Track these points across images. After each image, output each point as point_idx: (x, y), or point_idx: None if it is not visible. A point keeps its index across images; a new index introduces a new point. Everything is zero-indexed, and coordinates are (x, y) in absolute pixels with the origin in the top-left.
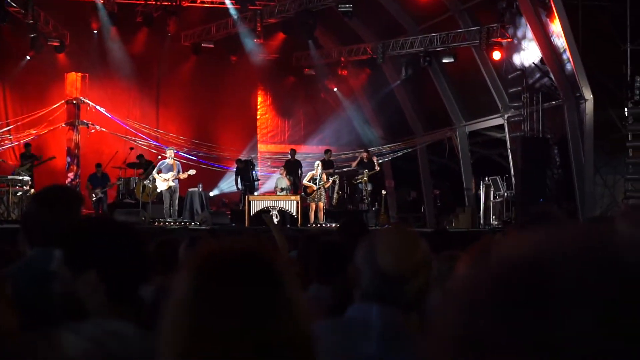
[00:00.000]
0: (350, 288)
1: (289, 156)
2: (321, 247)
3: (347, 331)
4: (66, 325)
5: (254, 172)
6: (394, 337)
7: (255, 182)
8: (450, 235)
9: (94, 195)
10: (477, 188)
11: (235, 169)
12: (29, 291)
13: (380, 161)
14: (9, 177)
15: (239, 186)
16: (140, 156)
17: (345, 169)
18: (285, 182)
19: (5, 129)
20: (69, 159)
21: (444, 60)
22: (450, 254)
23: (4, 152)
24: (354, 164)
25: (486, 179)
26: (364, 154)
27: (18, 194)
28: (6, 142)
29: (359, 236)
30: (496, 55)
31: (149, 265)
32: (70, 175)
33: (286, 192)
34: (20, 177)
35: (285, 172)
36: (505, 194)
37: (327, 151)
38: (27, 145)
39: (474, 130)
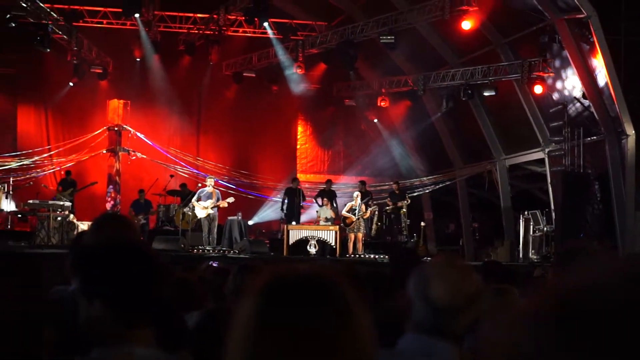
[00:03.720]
0: (401, 319)
1: (325, 186)
2: (365, 277)
3: None
4: (86, 352)
5: (300, 203)
6: None
7: (297, 212)
8: (503, 269)
9: (136, 222)
10: (517, 222)
11: (283, 192)
12: (71, 316)
13: (419, 193)
14: (50, 202)
15: (284, 210)
16: (183, 185)
17: (383, 201)
18: (329, 212)
19: (46, 155)
20: (110, 186)
21: (485, 94)
22: (501, 287)
23: (45, 178)
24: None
25: (526, 212)
26: (394, 186)
27: (58, 219)
28: (48, 167)
29: (410, 267)
30: (537, 89)
31: (169, 291)
32: (110, 201)
33: (331, 222)
34: (61, 203)
35: (329, 203)
36: (545, 229)
37: (361, 182)
38: (67, 172)
39: (514, 164)
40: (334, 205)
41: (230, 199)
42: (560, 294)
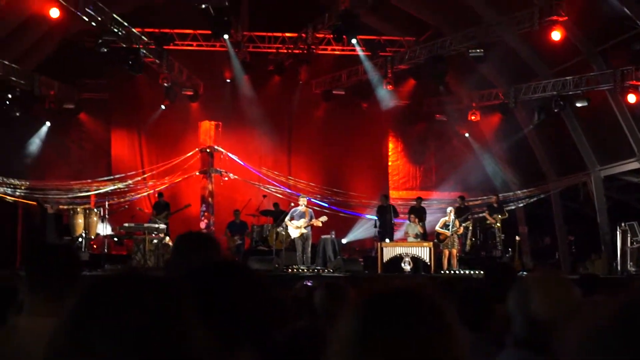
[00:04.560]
0: (500, 333)
1: (415, 203)
2: (462, 293)
3: None
4: None
5: (392, 220)
6: None
7: (389, 229)
8: (600, 282)
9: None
10: (614, 234)
11: (376, 210)
12: None
13: (513, 207)
14: (145, 225)
15: (377, 228)
16: (275, 204)
17: (475, 215)
18: (416, 229)
19: (140, 178)
20: (203, 207)
21: (577, 104)
22: (596, 300)
23: (140, 201)
24: (487, 213)
25: (622, 224)
26: (493, 198)
27: (154, 242)
28: (142, 190)
29: (507, 282)
30: (631, 98)
31: (272, 312)
32: (204, 222)
33: (419, 239)
34: (156, 225)
35: (416, 219)
36: None
37: (461, 197)
38: (160, 194)
39: (610, 175)
40: (423, 221)
41: (324, 218)
42: (625, 302)
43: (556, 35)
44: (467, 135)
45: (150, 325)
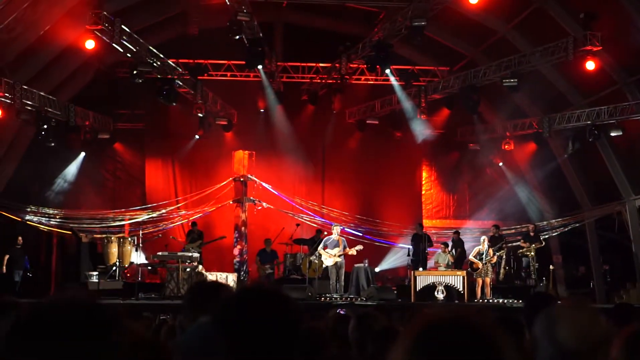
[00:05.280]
0: None
1: (455, 234)
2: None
3: None
4: None
5: (426, 249)
6: None
7: (422, 258)
8: (635, 311)
9: (263, 271)
10: None
11: (412, 237)
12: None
13: (547, 236)
14: (179, 253)
15: (410, 256)
16: (319, 231)
17: (509, 244)
18: (447, 258)
19: (174, 207)
20: (236, 235)
21: (612, 134)
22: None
23: (174, 230)
24: (522, 241)
25: None
26: (531, 227)
27: (187, 270)
28: (176, 219)
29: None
30: None
31: (302, 339)
32: (237, 250)
33: (449, 269)
34: (189, 254)
35: (447, 249)
36: None
37: (496, 226)
38: (193, 223)
39: None
40: (455, 252)
41: (359, 247)
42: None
43: (590, 65)
44: (501, 164)
45: (83, 351)
